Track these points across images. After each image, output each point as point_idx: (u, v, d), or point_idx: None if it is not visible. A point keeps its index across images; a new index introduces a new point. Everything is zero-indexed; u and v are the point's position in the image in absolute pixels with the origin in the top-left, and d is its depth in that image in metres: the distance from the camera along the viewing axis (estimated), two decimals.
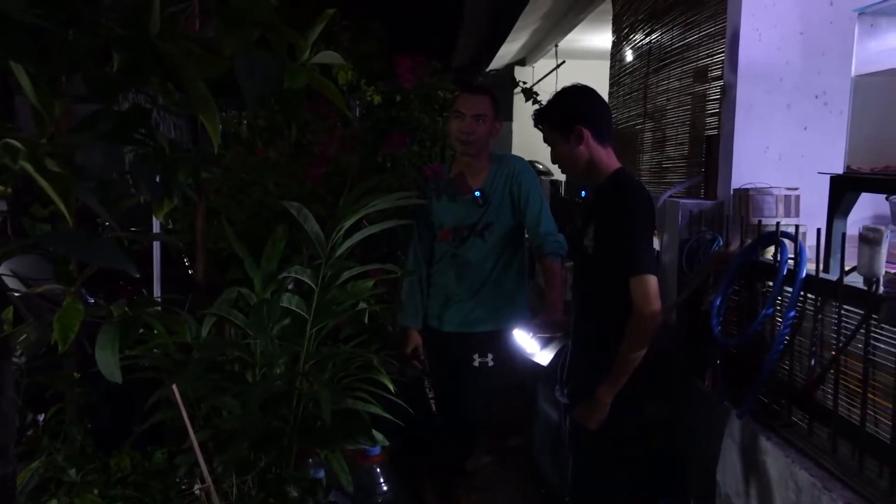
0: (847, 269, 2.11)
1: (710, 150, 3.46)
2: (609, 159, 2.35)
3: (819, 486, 2.01)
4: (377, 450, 2.53)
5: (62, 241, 1.12)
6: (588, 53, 8.66)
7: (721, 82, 3.28)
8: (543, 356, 3.07)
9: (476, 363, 2.98)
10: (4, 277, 1.51)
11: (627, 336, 2.18)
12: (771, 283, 2.41)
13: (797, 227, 2.40)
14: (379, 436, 2.11)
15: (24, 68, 1.06)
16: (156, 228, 2.55)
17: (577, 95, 2.40)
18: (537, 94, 4.34)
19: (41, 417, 1.94)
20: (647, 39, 4.73)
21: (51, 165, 1.05)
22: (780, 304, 2.38)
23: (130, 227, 2.86)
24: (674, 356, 2.87)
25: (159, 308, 2.22)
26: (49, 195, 1.05)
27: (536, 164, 6.76)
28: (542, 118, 2.42)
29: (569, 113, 2.35)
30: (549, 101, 2.46)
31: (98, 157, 1.42)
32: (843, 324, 2.08)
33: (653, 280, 2.17)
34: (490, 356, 2.98)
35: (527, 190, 2.96)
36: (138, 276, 2.79)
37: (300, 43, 1.14)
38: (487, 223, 2.96)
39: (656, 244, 3.18)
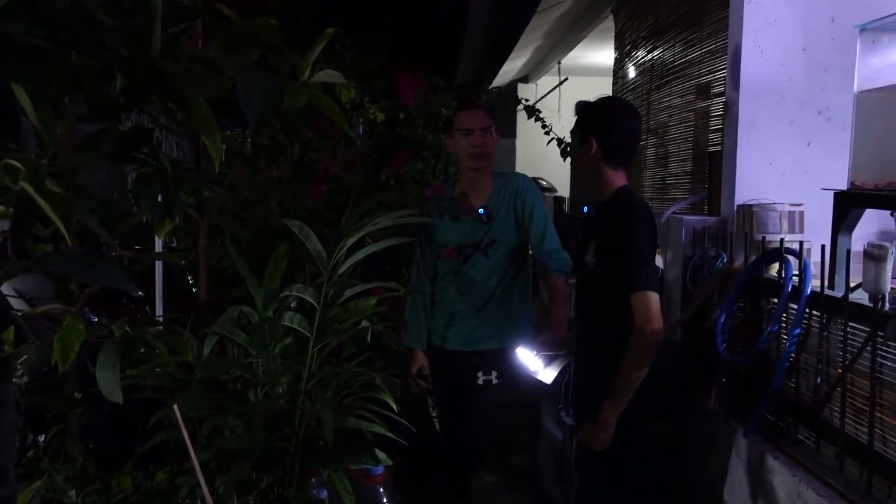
0: (852, 285, 2.10)
1: (713, 166, 3.46)
2: (615, 178, 2.33)
3: None
4: (380, 469, 2.51)
5: (62, 261, 1.12)
6: (591, 70, 8.70)
7: (723, 98, 3.28)
8: (547, 374, 3.05)
9: (480, 381, 2.96)
10: (8, 297, 1.51)
11: (628, 354, 2.17)
12: (776, 300, 2.40)
13: (801, 243, 2.39)
14: (382, 455, 2.09)
15: (25, 89, 1.06)
16: (158, 247, 2.55)
17: (606, 109, 2.38)
18: (540, 112, 4.35)
19: (42, 438, 1.93)
20: (649, 56, 4.74)
21: (51, 186, 1.05)
22: (785, 321, 2.37)
23: (134, 246, 2.87)
24: (679, 374, 2.85)
25: (160, 327, 2.22)
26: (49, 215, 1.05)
27: (540, 181, 6.77)
28: (577, 111, 2.41)
29: (589, 120, 2.35)
30: (591, 101, 2.42)
31: (101, 177, 1.42)
32: (849, 341, 2.06)
33: (654, 297, 2.16)
34: (494, 374, 2.96)
35: (531, 207, 2.96)
36: (139, 294, 2.79)
37: (300, 62, 1.14)
38: (492, 240, 2.96)
39: (660, 261, 3.17)
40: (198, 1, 1.32)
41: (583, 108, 2.39)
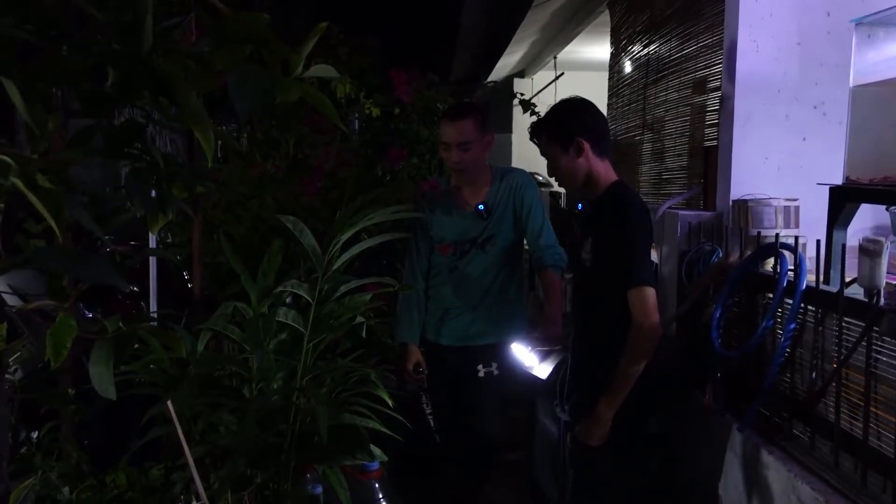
0: (847, 280, 2.10)
1: (708, 161, 3.46)
2: (607, 172, 2.34)
3: (822, 501, 1.99)
4: (375, 465, 2.51)
5: (53, 258, 1.11)
6: (587, 65, 8.68)
7: (719, 93, 3.28)
8: (542, 369, 3.05)
9: (482, 374, 2.96)
10: (2, 293, 1.50)
11: (626, 350, 2.17)
12: (771, 295, 2.40)
13: (797, 238, 2.39)
14: (377, 451, 2.09)
15: (16, 84, 1.05)
16: (153, 243, 2.54)
17: (576, 107, 2.39)
18: (535, 106, 4.35)
19: (35, 435, 1.92)
20: (645, 51, 4.74)
21: (42, 181, 1.04)
22: (780, 317, 2.37)
23: (130, 241, 2.86)
24: (674, 369, 2.85)
25: (154, 323, 2.21)
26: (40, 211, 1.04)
27: (536, 176, 6.76)
28: (541, 130, 2.40)
29: (569, 125, 2.33)
30: (547, 114, 2.44)
31: (93, 173, 1.41)
32: (844, 336, 2.06)
33: (651, 292, 2.16)
34: (494, 365, 2.96)
35: (529, 202, 2.95)
36: (131, 290, 2.77)
37: (292, 57, 1.13)
38: (489, 236, 2.95)
39: (655, 256, 3.17)
40: None
41: (552, 119, 2.38)
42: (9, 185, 1.03)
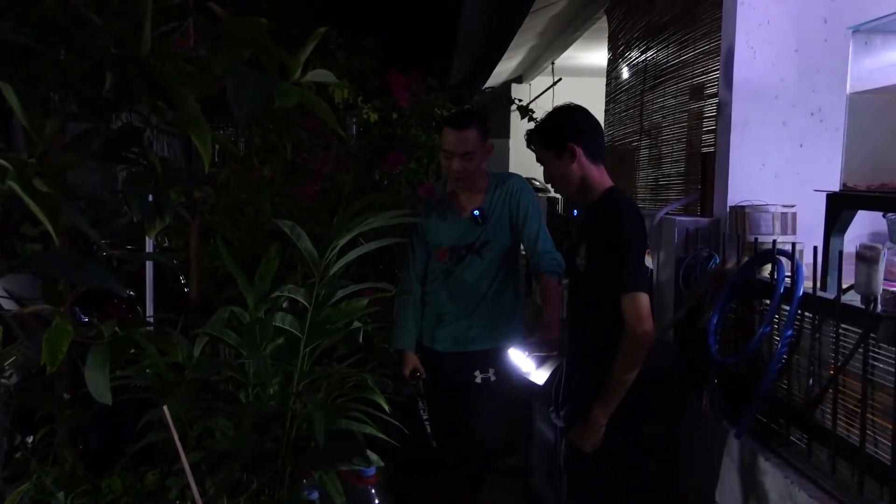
0: (844, 287, 2.10)
1: (706, 168, 3.46)
2: (601, 178, 2.34)
3: None
4: (372, 471, 2.50)
5: (50, 262, 1.10)
6: (584, 71, 8.70)
7: (716, 99, 3.29)
8: (539, 375, 3.05)
9: (478, 380, 2.96)
10: None
11: (619, 355, 2.16)
12: (768, 302, 2.40)
13: (794, 244, 2.40)
14: (374, 456, 2.08)
15: (14, 88, 1.05)
16: (149, 247, 2.53)
17: (568, 114, 2.40)
18: (533, 112, 4.35)
19: (30, 439, 1.92)
20: (643, 57, 4.75)
21: (39, 185, 1.04)
22: (777, 323, 2.37)
23: (127, 245, 2.85)
24: (671, 375, 2.85)
25: (151, 328, 2.21)
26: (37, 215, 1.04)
27: (533, 181, 6.76)
28: (535, 137, 2.41)
29: (561, 131, 2.35)
30: (541, 121, 2.46)
31: (91, 177, 1.41)
32: (841, 343, 2.07)
33: (644, 298, 2.16)
34: (491, 371, 2.96)
35: (525, 208, 2.95)
36: (128, 295, 2.76)
37: (290, 62, 1.13)
38: (485, 241, 2.95)
39: (651, 262, 3.17)
40: (188, 0, 1.31)
41: (546, 126, 2.40)
42: (6, 189, 1.03)
